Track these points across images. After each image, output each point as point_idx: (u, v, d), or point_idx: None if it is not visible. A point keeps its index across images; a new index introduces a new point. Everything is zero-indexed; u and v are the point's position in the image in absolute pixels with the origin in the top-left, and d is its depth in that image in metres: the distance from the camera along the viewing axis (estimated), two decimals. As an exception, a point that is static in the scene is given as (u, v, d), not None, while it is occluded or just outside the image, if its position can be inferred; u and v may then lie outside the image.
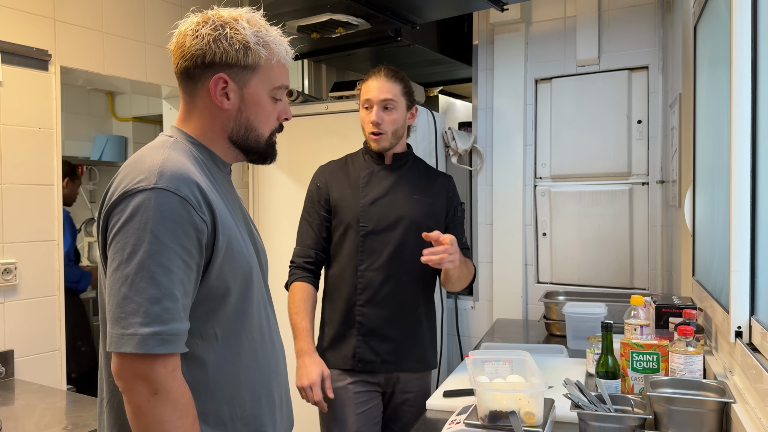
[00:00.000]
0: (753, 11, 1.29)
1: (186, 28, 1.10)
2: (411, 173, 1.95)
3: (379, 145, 1.88)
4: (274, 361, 1.19)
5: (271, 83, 1.14)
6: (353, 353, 1.85)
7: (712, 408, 1.25)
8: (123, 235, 0.97)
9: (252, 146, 1.17)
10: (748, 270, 1.31)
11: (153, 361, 0.95)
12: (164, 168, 1.01)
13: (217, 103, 1.11)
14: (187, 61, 1.09)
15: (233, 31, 1.09)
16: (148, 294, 0.95)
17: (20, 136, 2.20)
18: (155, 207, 0.97)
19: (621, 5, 2.70)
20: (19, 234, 2.18)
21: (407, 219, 1.87)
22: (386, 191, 1.89)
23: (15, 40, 2.17)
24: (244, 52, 1.09)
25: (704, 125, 1.76)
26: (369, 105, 1.86)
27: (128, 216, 0.98)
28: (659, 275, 2.64)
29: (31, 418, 1.78)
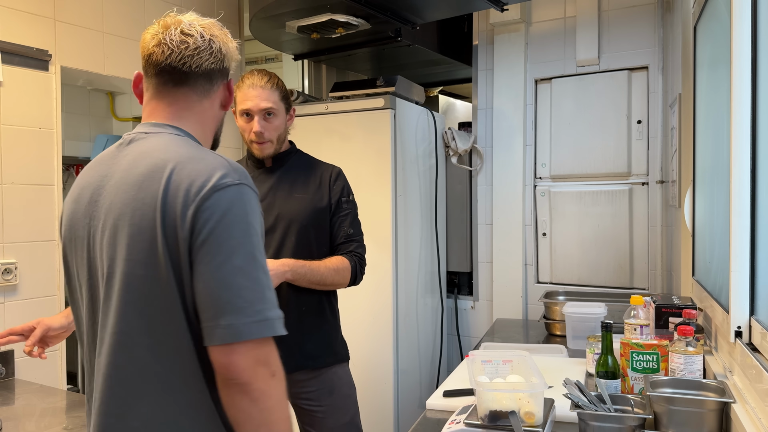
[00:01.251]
0: (753, 11, 1.29)
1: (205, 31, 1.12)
2: (291, 171, 1.90)
3: (264, 152, 1.84)
4: None
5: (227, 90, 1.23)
6: None
7: (711, 408, 1.25)
8: (224, 228, 0.98)
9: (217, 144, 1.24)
10: (748, 270, 1.31)
11: (270, 345, 0.99)
12: (234, 165, 1.05)
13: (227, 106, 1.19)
14: (213, 63, 1.12)
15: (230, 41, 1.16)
16: (264, 282, 0.99)
17: (20, 136, 2.20)
18: (247, 201, 1.02)
19: (621, 5, 2.70)
20: (19, 234, 2.18)
21: (286, 219, 1.82)
22: (264, 195, 1.85)
23: (15, 40, 2.18)
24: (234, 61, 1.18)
25: (704, 125, 1.76)
26: (249, 113, 1.83)
27: (225, 209, 0.99)
28: (659, 275, 2.64)
29: (32, 418, 1.78)
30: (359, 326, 2.58)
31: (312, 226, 1.84)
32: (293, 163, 1.92)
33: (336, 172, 1.94)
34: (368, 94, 2.64)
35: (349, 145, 2.63)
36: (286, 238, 1.81)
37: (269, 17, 2.50)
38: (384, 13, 2.43)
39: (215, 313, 0.97)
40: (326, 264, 1.81)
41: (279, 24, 2.55)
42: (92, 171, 1.12)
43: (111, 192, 1.06)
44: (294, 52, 3.03)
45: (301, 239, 1.80)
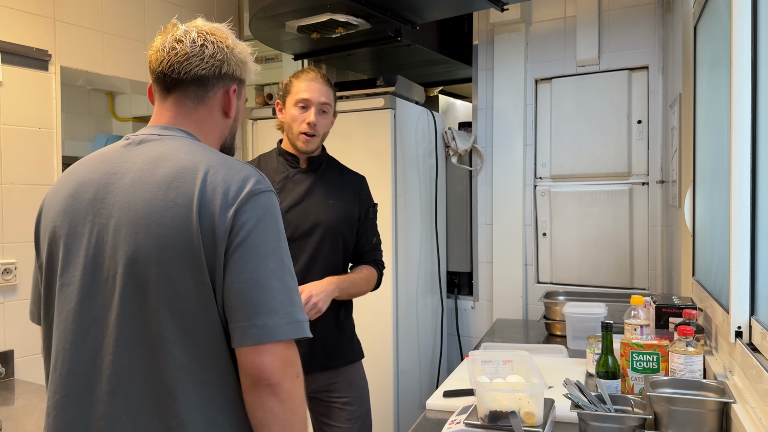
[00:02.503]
0: (753, 11, 1.29)
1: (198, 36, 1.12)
2: (325, 176, 1.92)
3: (309, 146, 1.84)
4: None
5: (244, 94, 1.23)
6: None
7: (712, 408, 1.25)
8: (259, 233, 1.02)
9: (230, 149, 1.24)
10: (748, 270, 1.31)
11: (294, 347, 1.03)
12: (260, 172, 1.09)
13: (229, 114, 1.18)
14: (206, 69, 1.12)
15: (241, 46, 1.17)
16: (292, 286, 1.03)
17: (20, 136, 2.20)
18: (276, 208, 1.07)
19: (621, 5, 2.70)
20: (19, 234, 2.18)
21: (323, 225, 1.84)
22: (301, 197, 1.85)
23: (15, 40, 2.18)
24: (245, 67, 1.17)
25: (704, 125, 1.76)
26: (306, 105, 1.83)
27: (261, 215, 1.03)
28: (659, 275, 2.64)
29: (31, 418, 1.78)
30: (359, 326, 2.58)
31: (344, 234, 1.89)
32: (326, 167, 1.94)
33: (364, 181, 2.00)
34: (368, 94, 2.64)
35: (349, 145, 2.63)
36: (321, 244, 1.84)
37: (269, 17, 2.50)
38: (384, 13, 2.43)
39: (250, 314, 0.98)
40: (360, 276, 1.89)
41: (279, 24, 2.55)
42: (93, 167, 1.10)
43: (126, 191, 1.04)
44: (294, 52, 3.03)
45: (334, 246, 1.85)
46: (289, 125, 1.87)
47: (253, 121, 2.91)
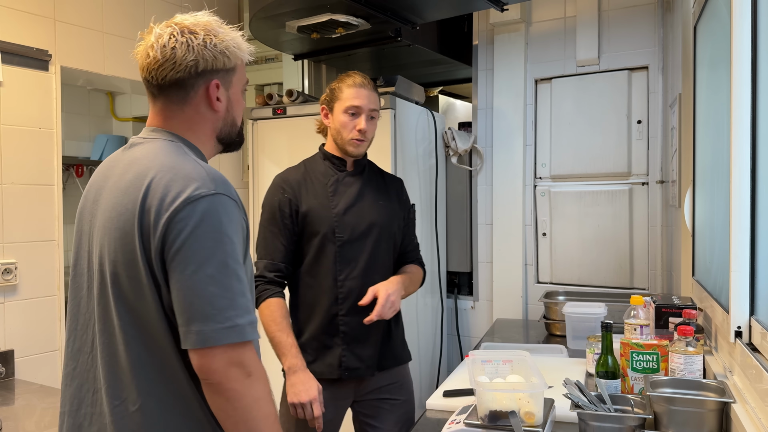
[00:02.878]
0: (753, 11, 1.29)
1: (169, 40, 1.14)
2: (371, 178, 1.96)
3: (360, 150, 1.87)
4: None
5: (243, 80, 1.23)
6: (339, 362, 1.81)
7: (712, 408, 1.25)
8: (196, 239, 1.03)
9: (234, 140, 1.26)
10: (748, 270, 1.31)
11: (245, 348, 1.05)
12: (212, 175, 1.09)
13: (214, 108, 1.18)
14: (180, 73, 1.14)
15: (217, 38, 1.15)
16: (237, 289, 1.05)
17: (20, 136, 2.20)
18: (222, 211, 1.06)
19: (621, 5, 2.70)
20: (19, 234, 2.18)
21: (378, 226, 1.88)
22: (355, 199, 1.88)
23: (15, 41, 2.18)
24: (227, 56, 1.16)
25: (704, 125, 1.76)
26: (356, 112, 1.85)
27: (198, 221, 1.04)
28: (659, 275, 2.64)
29: (32, 418, 1.78)
30: (359, 326, 2.58)
31: (395, 233, 1.95)
32: (370, 170, 1.98)
33: (402, 183, 2.07)
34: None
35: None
36: (378, 244, 1.87)
37: (269, 17, 2.50)
38: (384, 13, 2.43)
39: (188, 319, 1.03)
40: (413, 276, 1.96)
41: (279, 24, 2.55)
42: (100, 171, 1.20)
43: (106, 194, 1.13)
44: (294, 52, 3.03)
45: (388, 245, 1.91)
46: (338, 131, 1.88)
47: (253, 121, 2.92)
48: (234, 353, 1.04)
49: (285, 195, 1.87)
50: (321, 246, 1.84)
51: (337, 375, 1.82)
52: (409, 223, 2.03)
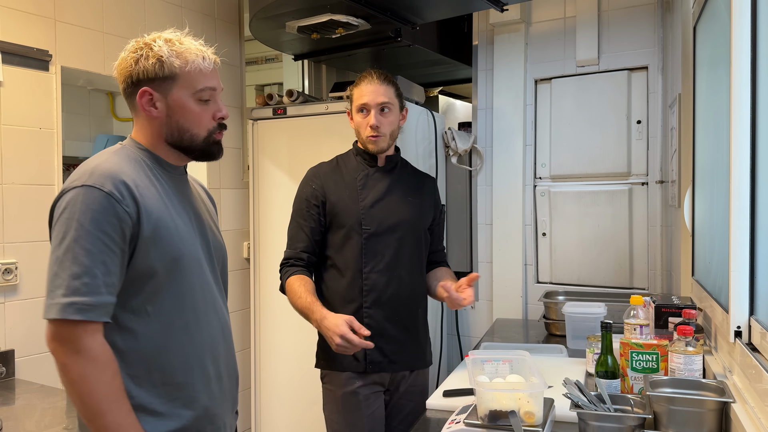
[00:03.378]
0: (753, 11, 1.29)
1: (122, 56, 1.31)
2: (402, 175, 1.98)
3: (378, 146, 1.89)
4: (209, 339, 1.33)
5: (192, 87, 1.30)
6: (364, 355, 1.85)
7: (711, 408, 1.25)
8: (57, 226, 1.18)
9: (188, 146, 1.33)
10: (748, 270, 1.31)
11: (74, 326, 1.14)
12: (96, 169, 1.20)
13: (147, 113, 1.30)
14: (123, 83, 1.30)
15: (149, 49, 1.28)
16: (71, 271, 1.14)
17: (21, 136, 2.20)
18: (82, 200, 1.17)
19: (621, 5, 2.70)
20: (19, 234, 2.18)
21: (405, 221, 1.90)
22: (383, 193, 1.90)
23: (15, 41, 2.18)
24: (159, 65, 1.27)
25: (704, 125, 1.77)
26: (366, 109, 1.88)
27: (62, 210, 1.18)
28: (659, 275, 2.64)
29: (32, 418, 1.78)
30: (359, 326, 2.58)
31: (424, 232, 1.97)
32: (401, 167, 2.00)
33: (435, 182, 2.09)
34: (368, 94, 2.64)
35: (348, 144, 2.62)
36: (404, 240, 1.90)
37: (269, 17, 2.50)
38: (384, 13, 2.43)
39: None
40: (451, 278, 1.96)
41: (279, 24, 2.55)
42: None
43: None
44: (294, 52, 3.03)
45: (416, 242, 1.93)
46: (357, 132, 1.94)
47: (254, 122, 2.92)
48: (60, 329, 1.14)
49: (313, 187, 1.92)
50: (347, 238, 1.87)
51: (361, 368, 1.85)
52: (440, 224, 2.05)
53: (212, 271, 1.38)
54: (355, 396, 1.85)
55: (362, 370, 1.85)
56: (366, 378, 1.86)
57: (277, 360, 2.86)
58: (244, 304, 3.11)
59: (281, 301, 2.87)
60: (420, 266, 1.96)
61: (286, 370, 2.83)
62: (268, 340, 2.88)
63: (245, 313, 3.09)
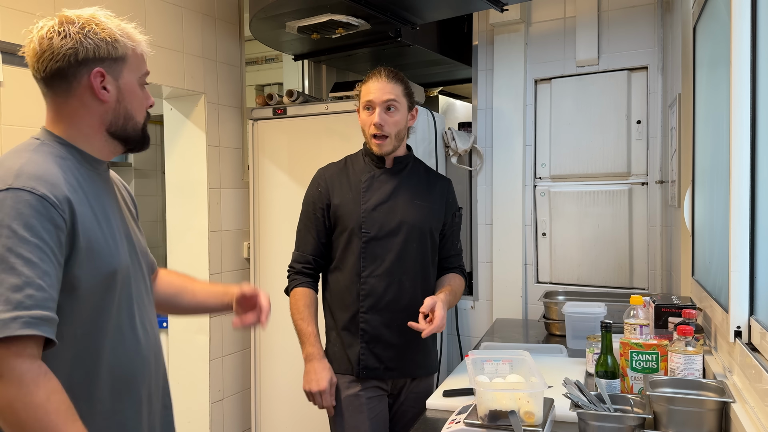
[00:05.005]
0: (753, 11, 1.29)
1: (47, 31, 1.13)
2: (411, 177, 1.92)
3: (382, 149, 1.84)
4: (140, 359, 1.21)
5: (138, 71, 1.20)
6: (358, 360, 1.83)
7: (711, 408, 1.25)
8: None
9: (131, 135, 1.21)
10: (748, 270, 1.31)
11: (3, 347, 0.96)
12: (21, 170, 1.05)
13: (100, 97, 1.15)
14: (59, 62, 1.12)
15: (99, 27, 1.14)
16: (9, 283, 0.98)
17: (21, 136, 2.20)
18: (11, 205, 1.01)
19: (621, 5, 2.70)
20: (19, 234, 2.18)
21: (408, 225, 1.85)
22: (387, 196, 1.86)
23: (15, 40, 2.18)
24: (113, 45, 1.15)
25: (704, 125, 1.77)
26: (371, 106, 1.82)
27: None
28: (659, 275, 2.64)
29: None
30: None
31: (431, 235, 1.91)
32: (412, 168, 1.95)
33: (450, 184, 2.04)
34: (368, 94, 2.64)
35: (349, 145, 2.62)
36: (407, 244, 1.85)
37: (269, 17, 2.50)
38: (384, 13, 2.43)
39: None
40: (454, 288, 1.94)
41: (279, 24, 2.55)
42: None
43: None
44: (294, 52, 3.03)
45: (421, 246, 1.88)
46: (362, 129, 1.88)
47: (254, 122, 2.92)
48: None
49: (318, 189, 1.90)
50: (348, 241, 1.84)
51: (355, 373, 1.83)
52: (454, 228, 1.99)
53: (143, 279, 1.26)
54: (357, 399, 1.83)
55: (355, 374, 1.84)
56: (366, 382, 1.85)
57: (277, 360, 2.86)
58: (244, 304, 3.11)
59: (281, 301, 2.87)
60: (425, 271, 1.90)
61: (286, 370, 2.83)
62: (268, 340, 2.88)
63: (245, 313, 3.09)
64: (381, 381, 1.87)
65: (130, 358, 1.19)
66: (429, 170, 2.02)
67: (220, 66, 3.02)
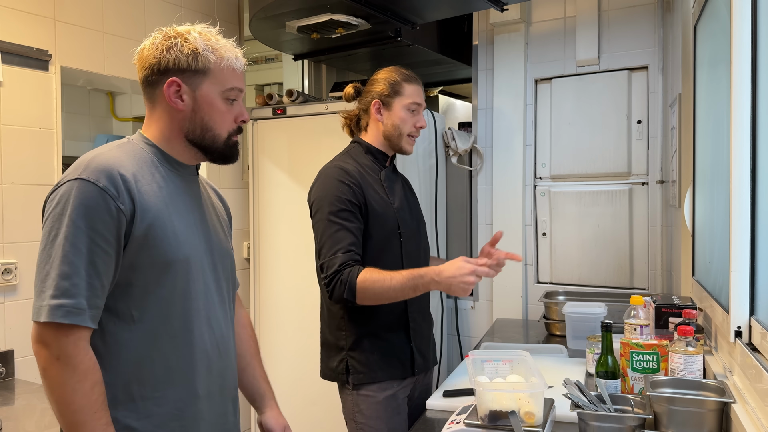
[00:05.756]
0: (753, 11, 1.29)
1: (149, 43, 1.25)
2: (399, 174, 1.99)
3: (411, 148, 1.89)
4: (201, 352, 1.24)
5: (222, 85, 1.25)
6: (411, 361, 1.80)
7: (711, 408, 1.25)
8: (49, 221, 1.12)
9: (209, 145, 1.27)
10: (748, 270, 1.31)
11: (57, 330, 1.08)
12: (92, 162, 1.14)
13: (172, 105, 1.23)
14: (146, 70, 1.23)
15: (184, 40, 1.22)
16: (60, 270, 1.08)
17: (20, 136, 2.20)
18: (75, 195, 1.11)
19: (621, 5, 2.70)
20: (19, 234, 2.18)
21: (422, 221, 1.95)
22: (402, 195, 1.89)
23: (15, 40, 2.18)
24: (194, 57, 1.22)
25: (704, 125, 1.76)
26: (417, 109, 1.85)
27: (55, 204, 1.12)
28: (659, 275, 2.64)
29: (32, 418, 1.78)
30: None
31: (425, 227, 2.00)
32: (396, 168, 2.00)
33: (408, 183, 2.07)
34: (368, 94, 2.64)
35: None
36: (423, 240, 1.93)
37: (269, 17, 2.50)
38: (384, 13, 2.43)
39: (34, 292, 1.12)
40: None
41: (279, 24, 2.55)
42: None
43: None
44: (294, 52, 3.03)
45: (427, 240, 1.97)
46: (395, 126, 1.82)
47: (254, 122, 2.92)
48: (43, 332, 1.08)
49: (352, 186, 1.73)
50: (387, 241, 1.77)
51: (408, 374, 1.80)
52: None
53: (215, 278, 1.29)
54: (395, 400, 1.78)
55: (408, 375, 1.79)
56: (403, 381, 1.81)
57: (277, 360, 2.86)
58: (244, 305, 3.11)
59: (281, 301, 2.88)
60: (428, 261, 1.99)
61: (286, 370, 2.83)
62: (268, 341, 2.88)
63: (245, 313, 3.09)
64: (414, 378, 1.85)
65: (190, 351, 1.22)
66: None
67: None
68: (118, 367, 1.15)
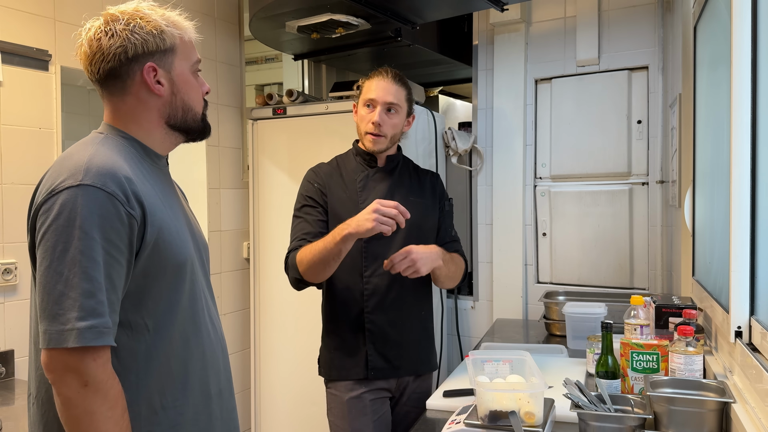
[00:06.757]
0: (753, 11, 1.29)
1: (95, 33, 1.14)
2: (403, 174, 1.94)
3: (376, 146, 1.83)
4: (210, 352, 1.20)
5: (189, 60, 1.19)
6: (366, 362, 1.81)
7: (712, 408, 1.25)
8: (52, 234, 1.00)
9: (191, 126, 1.20)
10: (748, 270, 1.31)
11: (84, 354, 0.98)
12: (90, 164, 1.03)
13: (155, 92, 1.14)
14: (110, 62, 1.12)
15: (143, 20, 1.12)
16: (82, 288, 0.98)
17: (20, 136, 2.20)
18: (82, 204, 1.00)
19: (621, 5, 2.70)
20: (19, 234, 2.18)
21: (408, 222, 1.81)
22: (384, 195, 1.84)
23: (15, 40, 2.18)
24: (160, 36, 1.13)
25: (704, 125, 1.76)
26: (372, 104, 1.82)
27: (56, 214, 1.00)
28: (659, 275, 2.64)
29: (32, 418, 1.77)
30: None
31: (429, 230, 1.91)
32: (402, 167, 1.96)
33: (438, 178, 2.03)
34: (368, 94, 2.64)
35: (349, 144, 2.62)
36: (407, 242, 1.81)
37: (269, 17, 2.50)
38: (384, 13, 2.43)
39: (39, 317, 1.00)
40: (453, 258, 1.89)
41: (279, 24, 2.55)
42: None
43: None
44: (294, 52, 3.03)
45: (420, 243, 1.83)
46: (357, 125, 1.87)
47: (254, 122, 2.92)
48: (71, 358, 0.97)
49: (315, 185, 1.85)
50: None
51: (363, 375, 1.81)
52: (445, 216, 1.98)
53: (204, 274, 1.25)
54: (361, 401, 1.81)
55: (363, 377, 1.82)
56: (370, 384, 1.83)
57: (277, 360, 2.86)
58: (244, 305, 3.11)
59: (281, 301, 2.88)
60: None
61: (286, 370, 2.83)
62: (268, 341, 2.88)
63: (245, 314, 3.09)
64: (386, 381, 1.85)
65: (201, 352, 1.18)
66: (416, 167, 2.02)
67: (219, 66, 3.02)
68: (138, 382, 1.08)
